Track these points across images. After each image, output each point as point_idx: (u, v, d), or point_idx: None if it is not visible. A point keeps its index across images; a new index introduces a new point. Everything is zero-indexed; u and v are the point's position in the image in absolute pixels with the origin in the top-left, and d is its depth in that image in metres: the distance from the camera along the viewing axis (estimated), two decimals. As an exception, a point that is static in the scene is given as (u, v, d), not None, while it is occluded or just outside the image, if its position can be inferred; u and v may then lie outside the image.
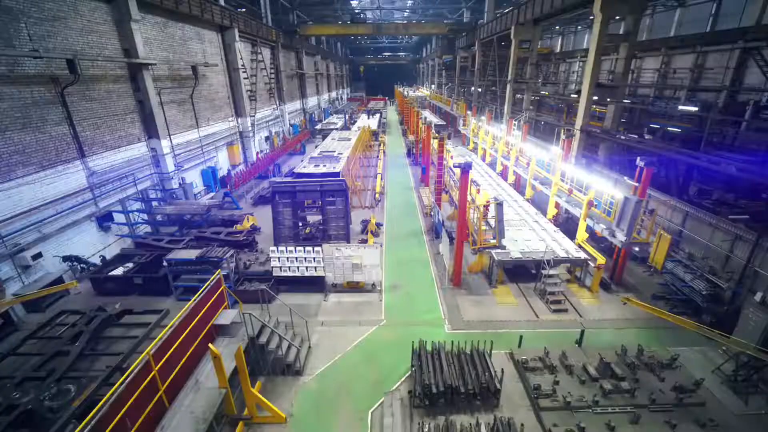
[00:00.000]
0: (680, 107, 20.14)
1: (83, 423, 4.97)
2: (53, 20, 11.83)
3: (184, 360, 6.92)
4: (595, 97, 18.75)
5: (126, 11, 14.42)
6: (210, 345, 6.47)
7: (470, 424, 6.48)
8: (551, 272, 10.94)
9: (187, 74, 19.37)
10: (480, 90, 34.44)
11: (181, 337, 6.85)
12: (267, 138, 31.72)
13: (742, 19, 20.43)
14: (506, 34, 25.24)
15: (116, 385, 5.62)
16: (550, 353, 8.35)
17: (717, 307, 9.45)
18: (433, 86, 63.81)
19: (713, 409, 7.24)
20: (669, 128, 21.13)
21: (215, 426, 6.77)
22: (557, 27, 38.41)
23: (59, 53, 11.73)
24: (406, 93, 63.61)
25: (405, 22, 49.44)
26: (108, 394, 5.50)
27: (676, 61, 24.02)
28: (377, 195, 19.90)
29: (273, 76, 32.99)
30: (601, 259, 11.11)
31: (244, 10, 31.37)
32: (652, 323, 10.03)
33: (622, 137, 15.72)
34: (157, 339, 6.38)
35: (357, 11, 44.99)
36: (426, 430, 6.40)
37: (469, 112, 31.04)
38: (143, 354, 6.05)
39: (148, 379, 6.02)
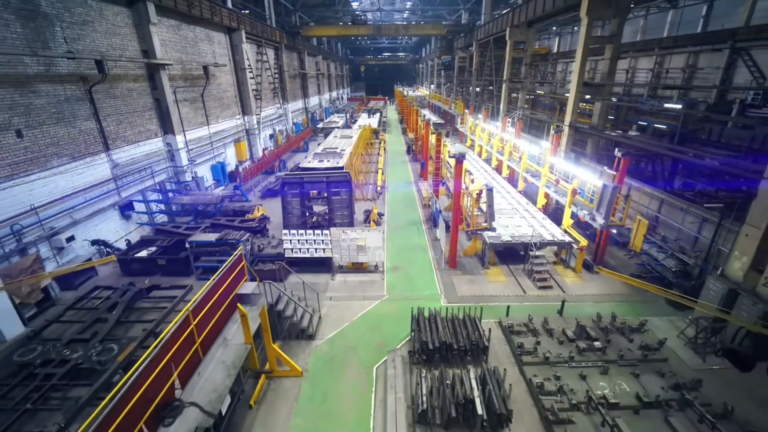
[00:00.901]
0: (666, 105, 21.24)
1: (141, 359, 6.03)
2: (82, 24, 12.91)
3: (215, 319, 7.99)
4: (587, 96, 19.91)
5: (145, 15, 15.50)
6: (239, 305, 7.55)
7: (461, 373, 7.56)
8: (538, 253, 12.04)
9: (199, 74, 20.46)
10: (477, 89, 35.55)
11: (212, 300, 7.92)
12: (271, 136, 32.81)
13: (732, 21, 21.46)
14: (502, 35, 26.34)
15: (162, 334, 6.68)
16: (534, 320, 9.44)
17: (685, 282, 10.53)
18: (432, 86, 64.93)
19: (674, 364, 8.33)
20: (656, 125, 22.26)
21: (242, 377, 7.85)
22: (554, 28, 39.52)
23: (89, 54, 12.81)
24: (405, 93, 64.68)
25: (405, 23, 50.56)
26: (156, 342, 6.56)
27: (669, 61, 25.15)
28: (378, 188, 20.98)
29: (277, 75, 34.07)
30: (583, 242, 12.20)
31: (247, 11, 32.41)
32: (629, 298, 11.13)
33: (612, 134, 16.80)
34: (193, 300, 7.43)
35: (358, 13, 46.07)
36: (423, 377, 7.47)
37: (466, 111, 32.14)
38: (183, 310, 7.11)
39: (188, 331, 7.09)
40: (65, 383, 7.57)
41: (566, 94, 25.08)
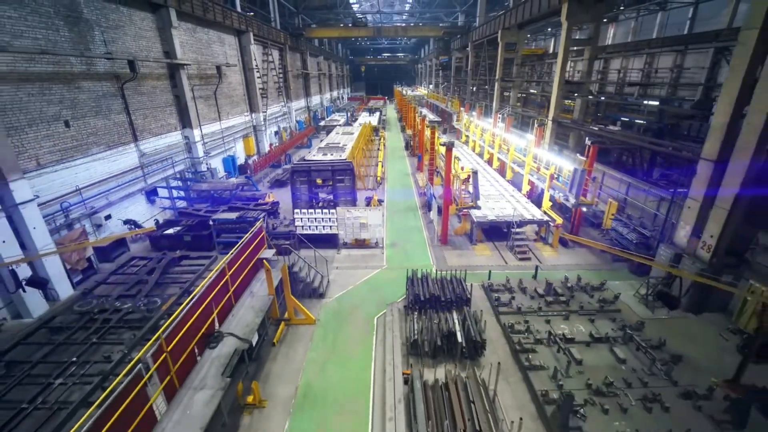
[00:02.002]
0: (645, 102, 22.91)
1: (189, 297, 7.66)
2: (116, 28, 14.55)
3: (243, 275, 9.63)
4: (579, 95, 21.52)
5: (167, 19, 17.14)
6: (264, 261, 9.19)
7: (447, 316, 9.19)
8: (518, 230, 13.69)
9: (212, 73, 22.10)
10: (473, 89, 37.22)
11: (242, 258, 9.55)
12: (276, 132, 34.44)
13: (716, 23, 22.95)
14: (495, 37, 28.00)
15: (203, 284, 8.31)
16: (511, 281, 11.09)
17: (644, 251, 12.17)
18: (431, 86, 66.62)
19: (625, 314, 9.97)
20: (637, 121, 23.91)
21: (266, 322, 9.49)
22: (549, 29, 41.22)
23: (122, 55, 14.45)
24: (405, 92, 66.36)
25: (404, 25, 52.19)
26: (198, 289, 8.17)
27: (657, 61, 26.76)
28: (378, 179, 22.62)
29: (281, 75, 35.72)
30: (559, 220, 13.85)
31: (252, 13, 34.05)
32: (596, 267, 12.77)
33: (591, 127, 18.44)
34: (229, 254, 9.06)
35: (358, 15, 47.72)
36: (415, 320, 9.10)
37: (462, 109, 33.81)
38: (220, 263, 8.74)
39: (224, 280, 8.72)
40: (120, 326, 9.19)
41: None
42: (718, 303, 10.11)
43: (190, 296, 7.77)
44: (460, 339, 8.12)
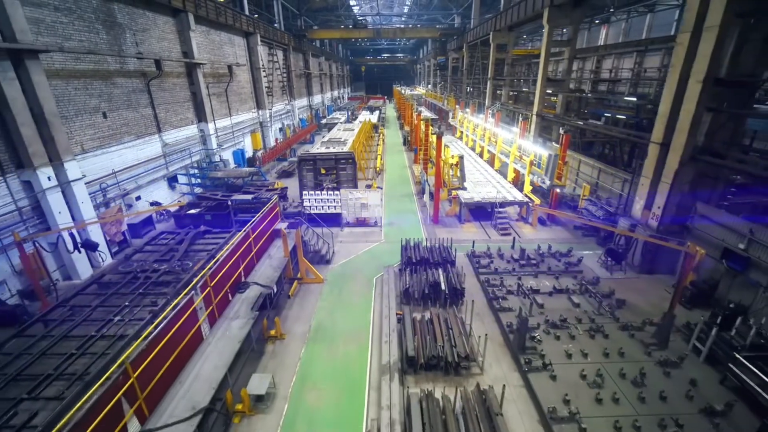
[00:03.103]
0: (625, 98, 24.71)
1: (215, 260, 9.42)
2: (143, 31, 16.34)
3: (262, 241, 11.40)
4: (560, 91, 23.31)
5: (186, 23, 18.93)
6: (281, 228, 10.96)
7: (434, 272, 10.95)
8: (501, 210, 15.45)
9: (224, 72, 23.89)
10: (468, 87, 39.01)
11: (261, 226, 11.33)
12: (280, 129, 36.24)
13: None
14: (488, 38, 29.79)
15: (231, 244, 10.07)
16: (491, 250, 12.86)
17: (608, 224, 13.92)
18: (429, 86, 68.44)
19: (586, 274, 11.72)
20: (618, 116, 25.71)
21: (282, 279, 11.26)
22: (543, 31, 43.08)
23: (149, 55, 16.23)
24: (403, 92, 68.18)
25: (402, 26, 54.04)
26: (225, 249, 9.93)
27: (644, 60, 28.64)
28: (378, 170, 24.39)
29: (285, 75, 37.52)
30: (537, 201, 15.62)
31: (256, 15, 35.82)
32: (568, 240, 14.53)
33: (568, 120, 20.24)
34: (252, 221, 10.82)
35: (359, 17, 49.53)
36: (407, 276, 10.86)
37: (457, 107, 35.60)
38: (245, 228, 10.50)
39: (248, 242, 10.49)
40: (160, 282, 10.94)
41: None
42: (667, 266, 11.88)
43: (226, 246, 9.57)
44: (443, 287, 9.89)
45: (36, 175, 10.81)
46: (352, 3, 53.53)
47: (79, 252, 11.23)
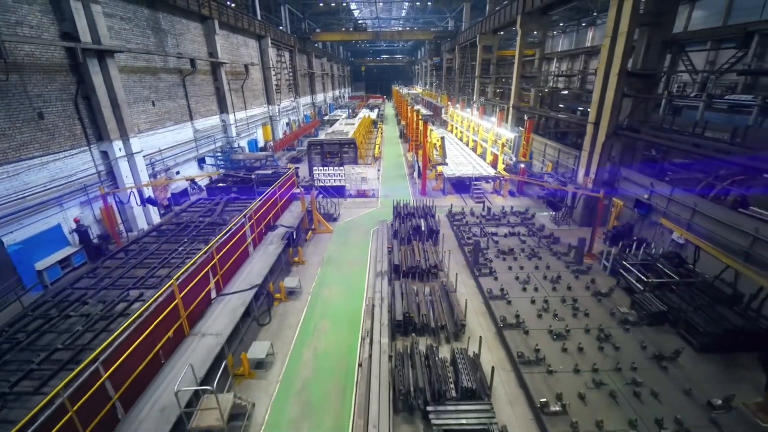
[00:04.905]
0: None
1: (258, 199, 12.67)
2: (180, 35, 19.63)
3: (283, 201, 14.65)
4: (532, 86, 26.62)
5: (212, 27, 22.23)
6: (300, 188, 14.22)
7: (417, 221, 14.18)
8: (477, 183, 18.72)
9: (240, 70, 27.19)
10: (460, 85, 42.31)
11: (281, 191, 14.57)
12: (287, 123, 39.53)
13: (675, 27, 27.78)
14: (476, 40, 33.09)
15: (257, 201, 13.32)
16: (465, 210, 16.11)
17: (563, 196, 17.17)
18: (426, 85, 71.82)
19: (537, 225, 14.96)
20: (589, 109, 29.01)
21: (300, 228, 14.52)
22: (534, 33, 46.52)
23: (186, 55, 19.53)
24: (402, 91, 71.53)
25: (400, 29, 57.41)
26: (252, 205, 13.17)
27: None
28: (376, 156, 27.66)
29: (291, 74, 40.83)
30: (507, 176, 18.90)
31: (261, 19, 39.13)
32: (531, 207, 17.76)
33: (542, 111, 23.51)
34: (278, 182, 14.04)
35: (359, 20, 52.90)
36: (398, 224, 14.09)
37: (449, 103, 38.89)
38: (272, 186, 13.74)
39: (274, 198, 13.74)
40: (205, 230, 14.19)
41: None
42: (602, 220, 15.11)
43: (259, 198, 12.83)
44: (423, 228, 13.14)
45: (111, 146, 14.08)
46: (352, 7, 56.92)
47: (144, 206, 14.48)
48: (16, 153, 11.03)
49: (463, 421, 6.21)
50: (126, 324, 6.47)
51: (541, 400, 6.82)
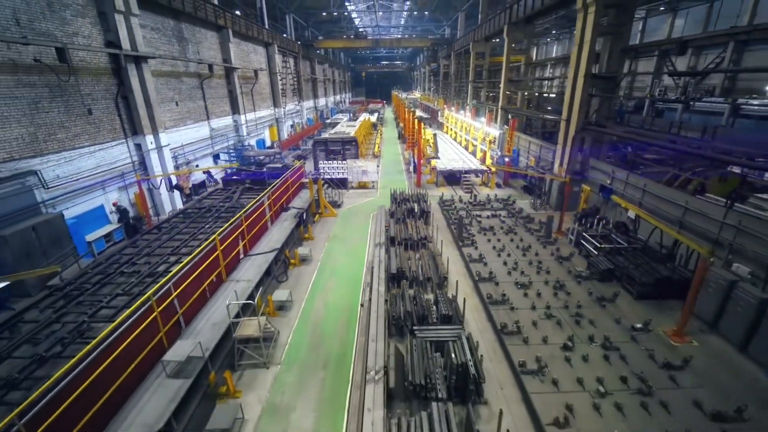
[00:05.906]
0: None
1: (275, 183, 14.69)
2: (199, 43, 21.79)
3: (294, 188, 16.67)
4: (519, 89, 28.75)
5: (227, 36, 24.42)
6: (309, 178, 16.25)
7: (411, 205, 16.19)
8: (467, 176, 20.75)
9: (250, 75, 29.37)
10: (456, 90, 44.55)
11: (293, 178, 16.58)
12: (291, 126, 41.69)
13: (659, 35, 29.83)
14: (469, 47, 35.34)
15: (277, 181, 15.35)
16: (454, 198, 18.13)
17: (541, 185, 19.20)
18: (424, 90, 74.22)
19: (517, 209, 16.98)
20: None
21: (308, 211, 16.53)
22: (525, 40, 48.93)
23: (205, 61, 21.68)
24: (401, 96, 73.90)
25: (398, 37, 59.87)
26: (267, 190, 15.19)
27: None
28: (375, 153, 29.76)
29: (295, 79, 43.08)
30: (494, 169, 20.95)
31: (268, 28, 41.45)
32: (514, 196, 19.79)
33: (525, 111, 25.58)
34: (288, 171, 16.06)
35: (360, 28, 55.34)
36: (394, 207, 16.09)
37: (445, 106, 41.10)
38: (284, 175, 15.76)
39: (287, 184, 15.76)
40: (225, 214, 16.18)
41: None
42: (573, 205, 17.10)
43: (275, 182, 14.86)
44: (416, 210, 15.15)
45: (144, 139, 16.13)
46: (353, 16, 59.43)
47: (172, 192, 16.52)
48: (72, 142, 13.08)
49: (441, 335, 8.17)
50: (181, 265, 8.46)
51: (502, 322, 8.82)
